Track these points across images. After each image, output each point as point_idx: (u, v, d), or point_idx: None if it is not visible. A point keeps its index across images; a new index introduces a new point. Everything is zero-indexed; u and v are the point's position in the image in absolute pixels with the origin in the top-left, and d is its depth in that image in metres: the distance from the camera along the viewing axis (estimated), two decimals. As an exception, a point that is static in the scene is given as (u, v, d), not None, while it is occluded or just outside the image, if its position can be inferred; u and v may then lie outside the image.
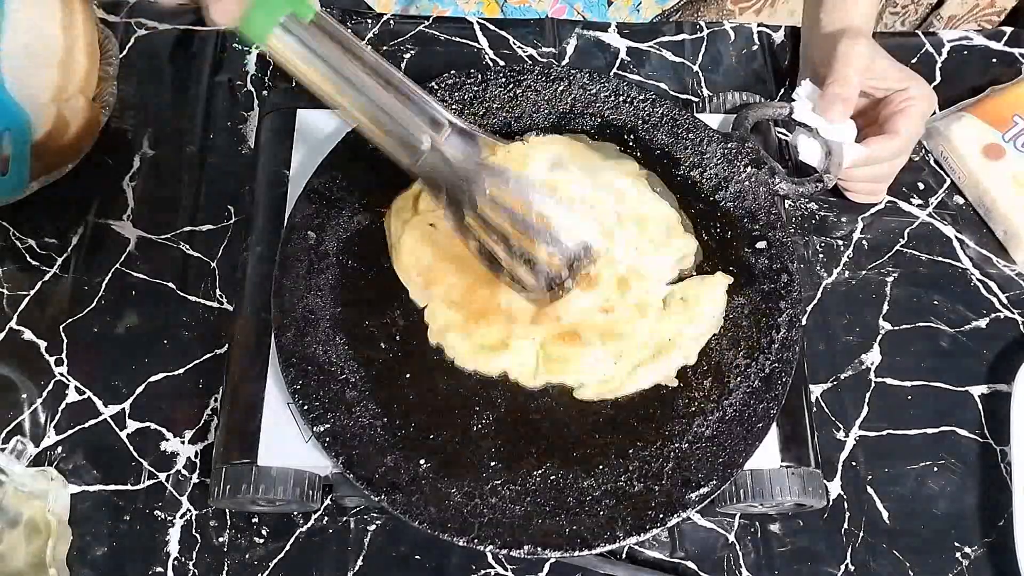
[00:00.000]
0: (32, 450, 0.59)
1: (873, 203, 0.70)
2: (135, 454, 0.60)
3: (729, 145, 0.60)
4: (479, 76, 0.61)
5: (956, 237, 0.70)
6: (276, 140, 0.62)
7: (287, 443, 0.53)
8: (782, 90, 0.76)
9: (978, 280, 0.68)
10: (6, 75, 0.60)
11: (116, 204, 0.67)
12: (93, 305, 0.64)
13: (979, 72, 0.77)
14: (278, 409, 0.54)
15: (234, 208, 0.68)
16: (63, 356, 0.62)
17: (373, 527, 0.58)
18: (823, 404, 0.63)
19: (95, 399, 0.61)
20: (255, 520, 0.58)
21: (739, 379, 0.54)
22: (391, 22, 0.76)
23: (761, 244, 0.58)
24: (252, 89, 0.72)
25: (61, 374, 0.62)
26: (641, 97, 0.62)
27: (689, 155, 0.61)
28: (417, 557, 0.58)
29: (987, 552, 0.59)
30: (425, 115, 0.50)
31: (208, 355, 0.63)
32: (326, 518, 0.58)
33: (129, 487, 0.59)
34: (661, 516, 0.49)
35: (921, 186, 0.72)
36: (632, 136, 0.61)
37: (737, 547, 0.59)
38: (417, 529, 0.48)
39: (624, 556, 0.59)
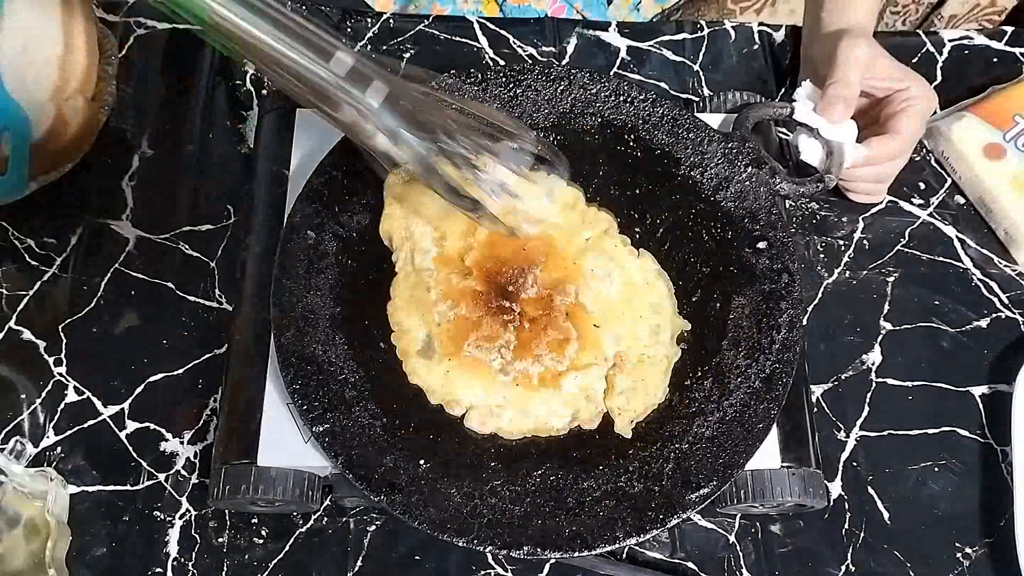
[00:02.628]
0: (31, 450, 0.59)
1: (874, 203, 0.70)
2: (134, 454, 0.60)
3: (730, 145, 0.60)
4: (479, 76, 0.61)
5: (957, 237, 0.70)
6: (275, 140, 0.62)
7: (287, 443, 0.53)
8: (783, 90, 0.76)
9: (979, 280, 0.68)
10: (5, 75, 0.60)
11: (116, 204, 0.67)
12: (92, 305, 0.64)
13: (980, 72, 0.76)
14: (278, 409, 0.53)
15: (234, 208, 0.67)
16: (62, 356, 0.62)
17: (373, 527, 0.58)
18: (823, 404, 0.63)
19: (94, 399, 0.61)
20: (255, 520, 0.58)
21: (739, 380, 0.54)
22: (391, 21, 0.76)
23: (762, 244, 0.58)
24: (251, 89, 0.72)
25: (60, 374, 0.61)
26: (641, 97, 0.62)
27: (689, 155, 0.61)
28: (417, 557, 0.58)
29: (988, 552, 0.59)
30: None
31: (208, 355, 0.62)
32: (326, 518, 0.58)
33: (128, 487, 0.59)
34: (661, 517, 0.49)
35: (922, 186, 0.72)
36: (632, 136, 0.61)
37: (737, 547, 0.59)
38: (417, 529, 0.48)
39: (624, 557, 0.58)
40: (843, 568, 0.59)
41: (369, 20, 0.76)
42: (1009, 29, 0.79)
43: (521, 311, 0.53)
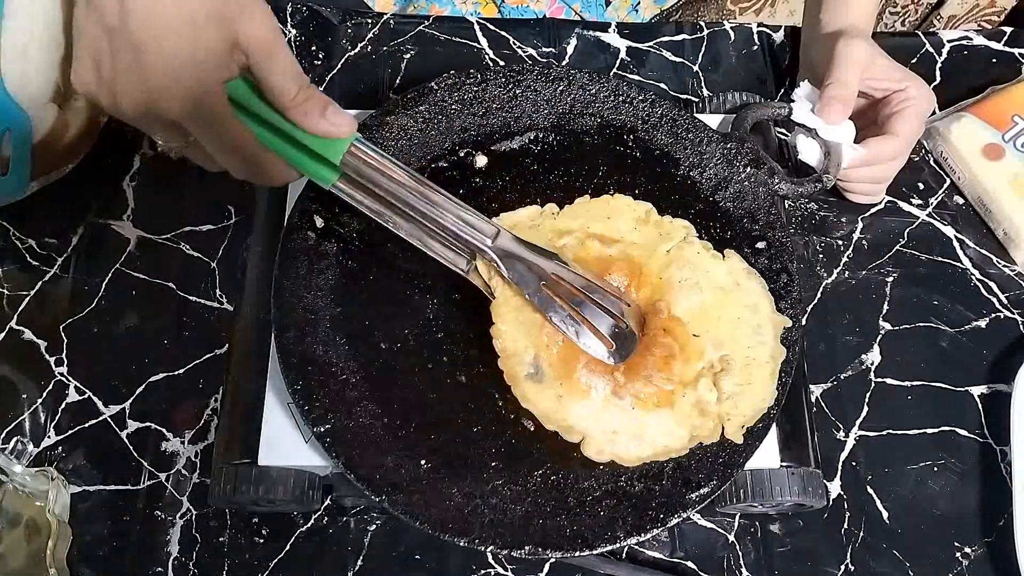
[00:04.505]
0: (32, 450, 0.59)
1: (873, 203, 0.70)
2: (135, 454, 0.60)
3: (728, 145, 0.60)
4: (479, 76, 0.61)
5: (956, 237, 0.70)
6: (276, 140, 0.62)
7: (287, 443, 0.53)
8: (782, 90, 0.76)
9: (978, 280, 0.68)
10: (6, 76, 0.60)
11: (116, 204, 0.67)
12: (93, 305, 0.64)
13: (979, 72, 0.77)
14: (278, 409, 0.54)
15: (234, 208, 0.68)
16: (63, 356, 0.62)
17: (373, 527, 0.58)
18: (823, 404, 0.63)
19: (95, 399, 0.61)
20: (255, 520, 0.58)
21: (739, 379, 0.54)
22: (391, 22, 0.76)
23: (761, 244, 0.58)
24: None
25: (61, 374, 0.62)
26: (640, 97, 0.62)
27: (689, 155, 0.61)
28: (417, 557, 0.58)
29: (987, 552, 0.59)
30: (473, 225, 0.51)
31: (208, 355, 0.63)
32: (326, 518, 0.58)
33: (129, 487, 0.59)
34: (661, 516, 0.49)
35: (921, 186, 0.72)
36: (632, 136, 0.61)
37: (737, 547, 0.59)
38: (417, 529, 0.48)
39: (624, 556, 0.59)
40: (842, 567, 0.59)
41: (369, 21, 0.76)
42: (1008, 30, 0.79)
43: None
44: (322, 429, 0.50)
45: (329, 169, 0.50)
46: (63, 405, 0.61)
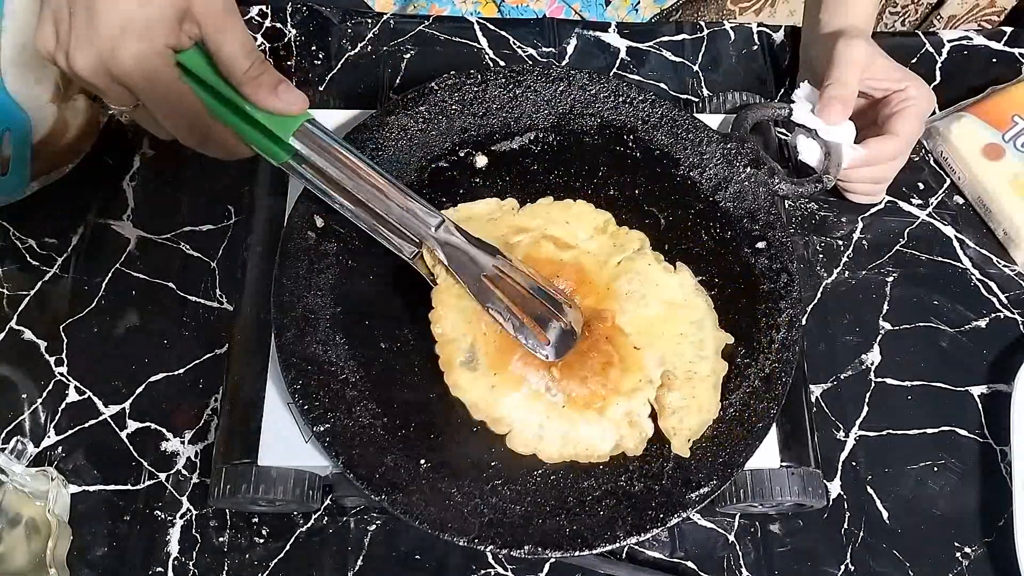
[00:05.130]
0: (32, 450, 0.59)
1: (873, 203, 0.70)
2: (135, 454, 0.60)
3: (728, 145, 0.60)
4: (479, 76, 0.61)
5: (956, 237, 0.70)
6: (276, 140, 0.62)
7: (287, 443, 0.53)
8: (782, 90, 0.76)
9: (978, 280, 0.68)
10: (6, 75, 0.60)
11: (116, 204, 0.67)
12: (93, 305, 0.64)
13: (979, 72, 0.77)
14: (278, 409, 0.54)
15: (234, 208, 0.68)
16: (63, 356, 0.62)
17: (373, 527, 0.58)
18: (823, 404, 0.63)
19: (95, 399, 0.61)
20: (255, 520, 0.58)
21: (739, 379, 0.54)
22: (391, 22, 0.76)
23: (761, 244, 0.58)
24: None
25: (61, 374, 0.62)
26: (640, 97, 0.62)
27: (689, 155, 0.61)
28: (417, 557, 0.58)
29: (987, 552, 0.59)
30: (418, 214, 0.52)
31: (208, 355, 0.63)
32: (326, 518, 0.58)
33: (129, 487, 0.59)
34: (661, 516, 0.49)
35: (921, 186, 0.72)
36: (632, 136, 0.61)
37: (737, 547, 0.59)
38: (417, 529, 0.48)
39: (624, 556, 0.59)
40: (842, 567, 0.59)
41: (369, 21, 0.76)
42: (1008, 29, 0.79)
43: None
44: (322, 429, 0.50)
45: (280, 147, 0.50)
46: (63, 405, 0.61)
